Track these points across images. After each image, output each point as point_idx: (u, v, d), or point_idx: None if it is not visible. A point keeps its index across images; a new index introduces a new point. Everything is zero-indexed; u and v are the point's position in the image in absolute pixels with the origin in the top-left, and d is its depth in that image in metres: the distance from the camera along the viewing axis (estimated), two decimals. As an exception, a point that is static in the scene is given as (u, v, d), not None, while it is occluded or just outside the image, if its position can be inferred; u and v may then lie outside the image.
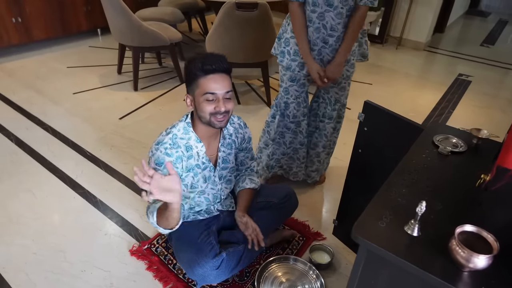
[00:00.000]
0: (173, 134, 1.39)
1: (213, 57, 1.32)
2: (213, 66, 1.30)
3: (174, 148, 1.37)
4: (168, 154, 1.35)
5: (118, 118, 2.88)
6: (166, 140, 1.37)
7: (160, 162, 1.34)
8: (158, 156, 1.35)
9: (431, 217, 0.82)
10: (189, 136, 1.40)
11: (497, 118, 3.30)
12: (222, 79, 1.32)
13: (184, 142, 1.39)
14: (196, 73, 1.31)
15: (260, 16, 2.75)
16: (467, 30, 6.33)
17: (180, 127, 1.41)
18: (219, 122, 1.34)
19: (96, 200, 2.06)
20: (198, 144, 1.41)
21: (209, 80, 1.30)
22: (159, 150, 1.35)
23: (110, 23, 3.23)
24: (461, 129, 1.23)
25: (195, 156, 1.42)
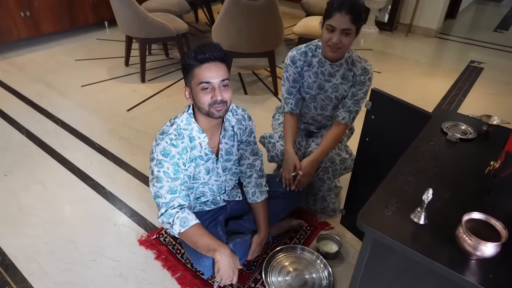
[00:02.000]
0: (177, 125, 1.38)
1: (206, 46, 1.30)
2: (206, 55, 1.27)
3: (180, 139, 1.36)
4: (174, 145, 1.35)
5: (126, 110, 2.90)
6: (171, 130, 1.37)
7: (167, 153, 1.34)
8: (164, 147, 1.35)
9: (438, 205, 0.80)
10: (192, 127, 1.39)
11: (510, 105, 3.22)
12: (217, 67, 1.30)
13: (187, 133, 1.38)
14: (190, 63, 1.29)
15: (266, 5, 2.72)
16: (480, 16, 6.18)
17: (183, 118, 1.40)
18: (218, 111, 1.32)
19: (105, 191, 2.08)
20: (201, 135, 1.40)
21: (203, 69, 1.28)
22: (165, 140, 1.35)
23: (117, 15, 3.22)
24: (471, 116, 1.21)
25: (198, 147, 1.42)
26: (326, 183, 1.82)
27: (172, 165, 1.34)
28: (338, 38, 1.54)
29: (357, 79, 1.70)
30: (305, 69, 1.74)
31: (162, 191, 1.36)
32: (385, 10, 5.04)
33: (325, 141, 1.74)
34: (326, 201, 1.90)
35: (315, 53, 1.71)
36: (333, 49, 1.58)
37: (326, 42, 1.58)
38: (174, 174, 1.36)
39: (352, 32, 1.54)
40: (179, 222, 1.35)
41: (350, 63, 1.70)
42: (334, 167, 1.76)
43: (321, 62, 1.70)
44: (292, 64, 1.73)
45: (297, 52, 1.73)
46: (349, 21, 1.50)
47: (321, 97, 1.79)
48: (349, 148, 1.85)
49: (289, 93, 1.79)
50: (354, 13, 1.50)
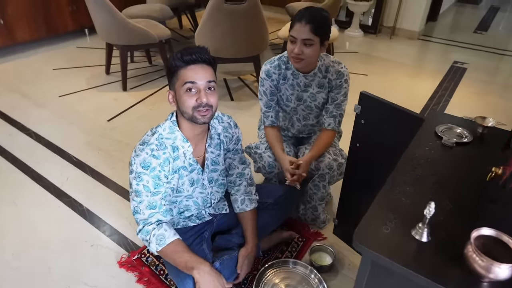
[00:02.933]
0: (159, 134, 1.30)
1: (193, 48, 1.25)
2: (192, 56, 1.22)
3: (161, 150, 1.27)
4: (155, 156, 1.26)
5: (107, 120, 2.78)
6: (152, 140, 1.28)
7: (147, 165, 1.25)
8: (144, 158, 1.25)
9: (441, 218, 0.73)
10: (175, 136, 1.30)
11: (495, 104, 3.22)
12: (203, 69, 1.24)
13: (170, 142, 1.30)
14: (176, 64, 1.23)
15: (249, 8, 2.65)
16: (459, 18, 6.25)
17: (166, 126, 1.32)
18: (202, 116, 1.24)
19: (83, 209, 1.96)
20: (185, 144, 1.31)
21: (188, 70, 1.23)
22: (145, 151, 1.26)
23: (95, 22, 3.11)
24: (465, 117, 1.15)
25: (182, 156, 1.33)
26: (320, 191, 1.74)
27: (153, 178, 1.25)
28: (299, 49, 1.52)
29: (333, 83, 1.68)
30: (281, 82, 1.72)
31: (141, 206, 1.27)
32: (368, 14, 5.04)
33: (317, 145, 1.71)
34: (317, 211, 1.82)
35: (288, 65, 1.69)
36: (296, 60, 1.56)
37: (290, 53, 1.57)
38: (155, 187, 1.26)
39: (315, 43, 1.52)
40: (155, 240, 1.26)
41: (324, 70, 1.68)
42: (332, 173, 1.70)
43: (295, 74, 1.69)
44: (268, 77, 1.71)
45: (271, 65, 1.71)
46: (309, 31, 1.49)
47: (301, 108, 1.78)
48: (343, 152, 1.79)
49: (268, 106, 1.77)
50: (314, 23, 1.49)
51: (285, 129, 1.91)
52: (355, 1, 4.54)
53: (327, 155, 1.71)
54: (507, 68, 4.13)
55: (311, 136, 1.91)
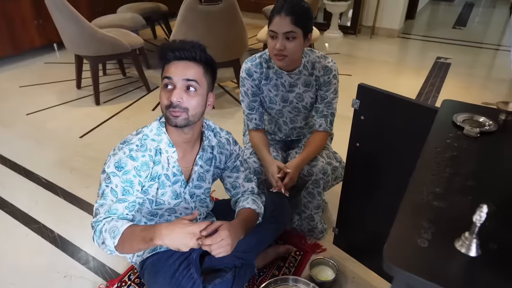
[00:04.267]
0: (144, 135, 1.13)
1: (182, 42, 1.09)
2: (175, 53, 1.06)
3: (141, 151, 1.10)
4: (133, 158, 1.08)
5: (79, 137, 2.56)
6: (134, 140, 1.11)
7: (121, 166, 1.07)
8: (120, 157, 1.08)
9: (486, 224, 0.58)
10: (161, 138, 1.14)
11: (481, 96, 3.17)
12: (186, 65, 1.07)
13: (154, 145, 1.13)
14: (160, 57, 1.10)
15: (226, 9, 2.50)
16: (437, 15, 6.30)
17: (153, 126, 1.15)
18: (174, 117, 1.07)
19: (54, 235, 1.74)
20: (170, 149, 1.14)
21: (170, 65, 1.08)
22: (123, 150, 1.09)
23: (62, 33, 2.90)
24: (483, 104, 1.01)
25: (164, 163, 1.15)
26: (315, 198, 1.58)
27: (123, 183, 1.07)
28: (281, 44, 1.36)
29: (321, 80, 1.53)
30: (263, 83, 1.56)
31: (101, 210, 1.06)
32: (346, 14, 4.99)
33: (309, 147, 1.55)
34: (314, 221, 1.65)
35: (270, 64, 1.53)
36: (279, 57, 1.39)
37: (272, 50, 1.41)
38: (123, 194, 1.07)
39: (298, 35, 1.36)
40: (109, 234, 1.01)
41: (309, 67, 1.52)
42: (326, 178, 1.53)
43: (278, 73, 1.53)
44: (249, 77, 1.55)
45: (252, 63, 1.55)
46: (290, 23, 1.34)
47: (287, 110, 1.62)
48: (337, 155, 1.64)
49: (251, 108, 1.61)
50: (295, 14, 1.33)
51: (272, 133, 1.75)
52: (332, 2, 4.47)
53: (320, 159, 1.56)
54: (486, 61, 4.13)
55: (301, 139, 1.75)
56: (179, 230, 0.98)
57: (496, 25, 5.59)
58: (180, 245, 0.98)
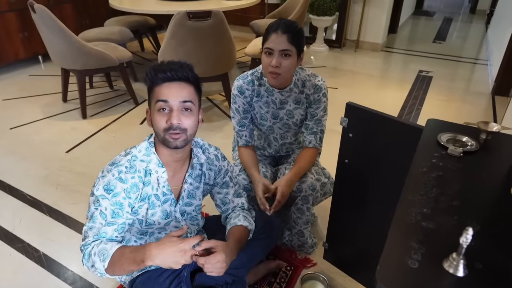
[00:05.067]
0: (133, 156, 1.12)
1: (171, 63, 1.10)
2: (167, 74, 1.07)
3: (130, 173, 1.10)
4: (122, 180, 1.08)
5: (65, 152, 2.53)
6: (123, 162, 1.11)
7: (110, 189, 1.06)
8: (109, 180, 1.07)
9: (472, 244, 0.60)
10: (150, 159, 1.13)
11: (462, 109, 3.27)
12: (179, 87, 1.08)
13: (143, 166, 1.12)
14: (151, 80, 1.09)
15: (215, 25, 2.53)
16: (417, 29, 6.49)
17: (142, 147, 1.15)
18: (174, 140, 1.08)
19: (39, 254, 1.71)
20: (159, 169, 1.14)
21: (163, 87, 1.08)
22: (112, 172, 1.08)
23: (48, 47, 2.88)
24: (465, 124, 1.05)
25: (154, 183, 1.15)
26: (305, 214, 1.60)
27: (112, 205, 1.07)
28: (277, 61, 1.39)
29: (311, 98, 1.57)
30: (254, 100, 1.59)
31: (90, 233, 1.05)
32: (331, 28, 5.10)
33: (299, 163, 1.57)
34: (303, 236, 1.67)
35: (261, 82, 1.56)
36: (274, 74, 1.43)
37: (266, 67, 1.44)
38: (112, 216, 1.07)
39: (292, 53, 1.41)
40: (98, 258, 1.00)
41: (300, 85, 1.56)
42: (315, 194, 1.55)
43: (269, 90, 1.56)
44: (240, 94, 1.58)
45: (244, 81, 1.57)
46: (286, 41, 1.38)
47: (278, 126, 1.65)
48: (326, 171, 1.67)
49: (241, 125, 1.63)
50: (291, 33, 1.38)
51: (261, 148, 1.77)
52: (318, 16, 4.56)
53: (310, 175, 1.58)
54: (466, 74, 4.27)
55: (290, 154, 1.78)
56: (170, 249, 0.98)
57: (474, 39, 5.79)
58: (171, 264, 0.99)
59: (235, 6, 3.37)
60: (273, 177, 1.70)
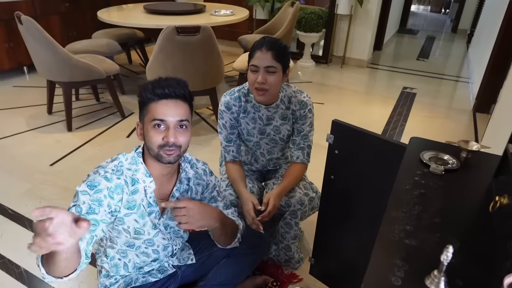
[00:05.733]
0: (119, 161, 1.13)
1: (168, 80, 1.11)
2: (165, 90, 1.08)
3: (116, 175, 1.09)
4: (107, 178, 1.07)
5: (49, 165, 2.49)
6: (109, 166, 1.11)
7: (94, 185, 1.03)
8: (93, 178, 1.06)
9: (452, 261, 0.62)
10: (137, 168, 1.13)
11: (445, 126, 3.36)
12: (176, 105, 1.09)
13: (130, 174, 1.12)
14: (147, 96, 1.09)
15: (203, 40, 2.56)
16: (402, 47, 6.67)
17: (128, 156, 1.15)
18: (168, 155, 1.09)
19: (20, 270, 1.66)
20: (147, 179, 1.14)
21: (159, 105, 1.08)
22: (98, 172, 1.08)
23: (34, 58, 2.86)
24: (446, 142, 1.09)
25: (142, 192, 1.14)
26: (293, 229, 1.61)
27: (92, 201, 1.01)
28: (262, 77, 1.42)
29: (297, 114, 1.60)
30: (241, 116, 1.61)
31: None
32: (318, 45, 5.20)
33: (287, 178, 1.60)
34: (290, 251, 1.67)
35: (248, 98, 1.59)
36: (260, 91, 1.46)
37: (252, 84, 1.46)
38: (87, 212, 1.00)
39: (278, 70, 1.44)
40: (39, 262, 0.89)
41: (286, 101, 1.59)
42: (304, 209, 1.57)
43: (256, 107, 1.58)
44: (227, 110, 1.60)
45: (231, 97, 1.60)
46: (271, 58, 1.41)
47: (265, 142, 1.67)
48: (313, 185, 1.69)
49: (229, 140, 1.64)
50: (275, 49, 1.42)
51: (248, 164, 1.78)
52: (305, 33, 4.66)
53: (298, 190, 1.60)
54: (448, 91, 4.39)
55: (277, 169, 1.79)
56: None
57: (455, 58, 5.99)
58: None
59: (223, 21, 3.42)
60: (260, 193, 1.71)
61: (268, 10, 4.93)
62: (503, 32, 3.31)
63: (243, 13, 3.73)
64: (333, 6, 4.62)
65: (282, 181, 1.60)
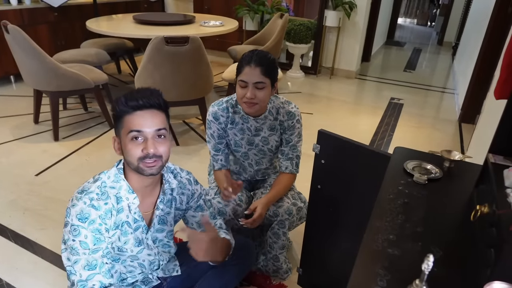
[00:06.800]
0: (102, 182, 1.10)
1: (141, 91, 1.09)
2: (139, 102, 1.06)
3: (103, 200, 1.07)
4: (95, 207, 1.05)
5: (34, 175, 2.45)
6: (92, 188, 1.08)
7: (85, 217, 1.03)
8: (81, 208, 1.04)
9: (435, 269, 0.63)
10: (120, 185, 1.11)
11: (431, 136, 3.40)
12: (152, 115, 1.08)
13: (114, 192, 1.10)
14: (121, 109, 1.07)
15: (192, 50, 2.57)
16: (389, 59, 6.79)
17: (111, 173, 1.13)
18: (149, 168, 1.08)
19: (2, 283, 1.62)
20: (130, 196, 1.12)
21: (135, 116, 1.07)
22: (83, 200, 1.05)
23: (21, 68, 2.83)
24: (429, 152, 1.11)
25: (126, 210, 1.13)
26: (281, 239, 1.60)
27: (92, 232, 1.04)
28: (252, 93, 1.43)
29: (285, 125, 1.60)
30: (229, 127, 1.61)
31: (77, 267, 1.02)
32: (307, 56, 5.26)
33: (276, 188, 1.60)
34: (278, 261, 1.67)
35: (236, 109, 1.59)
36: (249, 104, 1.46)
37: (241, 98, 1.46)
38: (94, 243, 1.04)
39: (266, 85, 1.45)
40: None
41: (274, 113, 1.60)
42: (292, 219, 1.57)
43: (244, 118, 1.59)
44: (215, 120, 1.60)
45: (219, 107, 1.60)
46: (260, 74, 1.41)
47: (253, 153, 1.67)
48: (302, 195, 1.69)
49: (217, 149, 1.65)
50: (264, 65, 1.42)
51: (237, 173, 1.78)
52: (294, 44, 4.71)
53: (286, 199, 1.60)
54: (434, 102, 4.47)
55: (266, 179, 1.79)
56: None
57: (441, 69, 6.11)
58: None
59: (212, 32, 3.45)
60: (249, 202, 1.70)
61: (258, 21, 4.98)
62: (486, 44, 3.39)
63: (232, 24, 3.76)
64: (321, 18, 4.69)
65: (270, 190, 1.60)
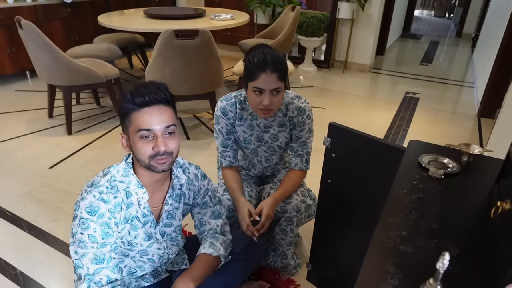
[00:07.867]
0: (112, 176, 1.09)
1: (146, 86, 1.06)
2: (145, 98, 1.03)
3: (112, 193, 1.06)
4: (104, 200, 1.04)
5: (48, 168, 2.48)
6: (102, 182, 1.07)
7: (94, 211, 1.02)
8: (90, 202, 1.03)
9: (450, 268, 0.59)
10: (129, 180, 1.10)
11: (448, 131, 3.31)
12: (160, 111, 1.05)
13: (123, 186, 1.09)
14: (127, 106, 1.04)
15: (202, 44, 2.55)
16: (405, 52, 6.64)
17: (120, 168, 1.11)
18: (160, 165, 1.06)
19: (16, 272, 1.64)
20: (139, 190, 1.11)
21: (142, 114, 1.03)
22: (92, 193, 1.04)
23: (35, 63, 2.87)
24: (446, 145, 1.06)
25: (135, 204, 1.12)
26: (288, 235, 1.57)
27: (101, 226, 1.03)
28: (269, 100, 1.36)
29: (295, 121, 1.55)
30: (237, 123, 1.57)
31: (85, 260, 1.01)
32: (320, 49, 5.18)
33: (285, 185, 1.55)
34: (286, 258, 1.64)
35: (244, 106, 1.54)
36: (265, 111, 1.40)
37: (256, 105, 1.39)
38: (103, 237, 1.03)
39: (282, 89, 1.39)
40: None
41: (284, 109, 1.55)
42: (300, 216, 1.53)
43: (253, 114, 1.54)
44: (224, 115, 1.55)
45: (227, 102, 1.55)
46: (276, 80, 1.34)
47: (263, 149, 1.63)
48: (311, 192, 1.65)
49: (225, 146, 1.60)
50: (280, 70, 1.35)
51: (246, 169, 1.75)
52: (306, 37, 4.64)
53: (295, 196, 1.56)
54: (452, 96, 4.34)
55: (275, 174, 1.76)
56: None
57: (460, 62, 5.94)
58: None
59: (223, 25, 3.42)
60: (258, 197, 1.67)
61: (269, 14, 4.92)
62: (508, 36, 3.27)
63: (243, 18, 3.72)
64: (334, 11, 4.61)
65: (279, 188, 1.56)
